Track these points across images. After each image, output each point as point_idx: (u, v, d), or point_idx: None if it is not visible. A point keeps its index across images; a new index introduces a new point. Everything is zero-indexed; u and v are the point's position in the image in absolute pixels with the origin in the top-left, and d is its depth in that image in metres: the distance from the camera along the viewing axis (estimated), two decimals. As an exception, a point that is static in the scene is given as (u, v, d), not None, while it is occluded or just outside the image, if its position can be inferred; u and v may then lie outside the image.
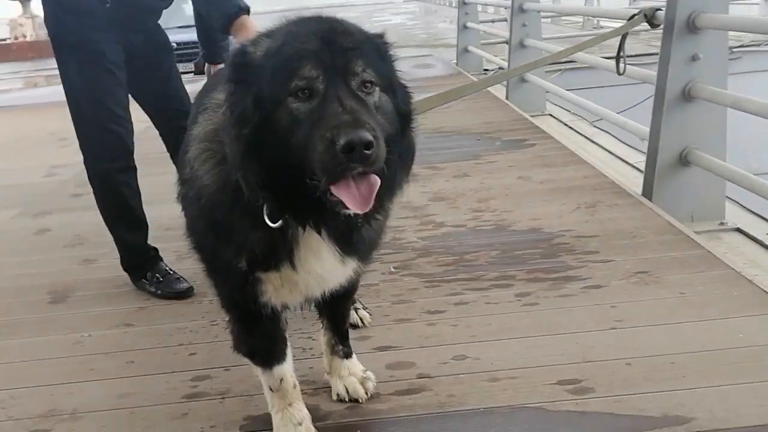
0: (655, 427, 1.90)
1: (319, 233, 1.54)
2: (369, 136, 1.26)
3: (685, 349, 2.26)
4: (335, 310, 2.08)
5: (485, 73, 10.06)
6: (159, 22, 3.07)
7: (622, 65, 3.75)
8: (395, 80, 1.51)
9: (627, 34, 3.54)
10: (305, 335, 2.57)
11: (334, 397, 2.15)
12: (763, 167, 7.80)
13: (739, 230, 3.62)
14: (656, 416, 1.95)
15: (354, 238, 1.59)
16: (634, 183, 4.10)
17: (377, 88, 1.42)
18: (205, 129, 1.60)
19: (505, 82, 7.67)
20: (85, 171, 3.06)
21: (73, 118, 2.89)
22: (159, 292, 3.04)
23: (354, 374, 2.15)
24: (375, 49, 1.46)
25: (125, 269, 3.17)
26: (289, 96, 1.36)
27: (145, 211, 3.16)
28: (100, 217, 4.13)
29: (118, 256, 3.32)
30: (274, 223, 1.50)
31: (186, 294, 3.01)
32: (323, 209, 1.41)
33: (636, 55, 8.18)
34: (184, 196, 1.76)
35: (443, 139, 5.61)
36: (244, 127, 1.38)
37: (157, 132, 3.19)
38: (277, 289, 1.69)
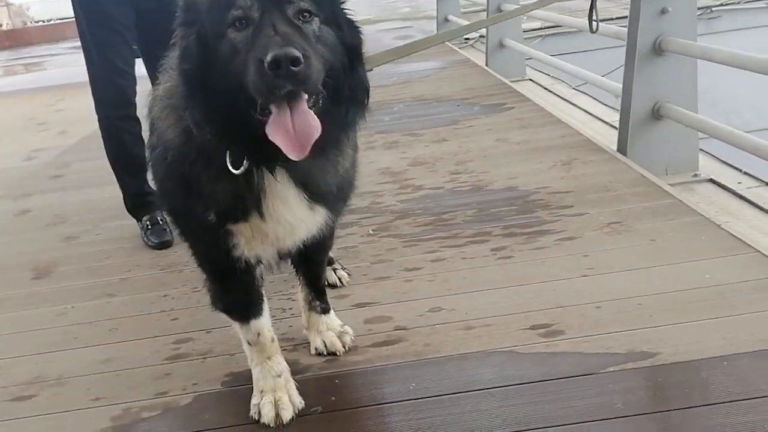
0: (621, 362, 1.97)
1: (273, 174, 1.56)
2: (295, 52, 1.28)
3: (653, 291, 2.32)
4: (310, 266, 2.12)
5: (465, 42, 10.06)
6: None
7: (594, 24, 3.82)
8: (340, 14, 1.53)
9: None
10: (285, 297, 2.61)
11: (313, 351, 2.20)
12: (745, 125, 7.90)
13: (712, 181, 3.68)
14: (622, 353, 2.01)
15: (319, 182, 1.63)
16: (610, 140, 4.14)
17: (317, 19, 1.44)
18: (165, 86, 1.63)
19: (484, 49, 7.68)
20: (63, 155, 3.24)
21: (87, 70, 3.22)
22: (145, 239, 3.33)
23: (332, 329, 2.20)
24: None
25: (127, 210, 3.47)
26: (228, 28, 1.39)
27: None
28: (81, 197, 4.21)
29: (99, 232, 3.57)
30: (236, 169, 1.52)
31: (161, 246, 3.25)
32: (278, 150, 1.42)
33: (617, 18, 8.20)
34: (153, 160, 1.78)
35: (423, 107, 5.63)
36: (186, 63, 1.43)
37: None
38: (248, 241, 1.72)
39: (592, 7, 3.74)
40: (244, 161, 1.52)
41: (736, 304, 2.19)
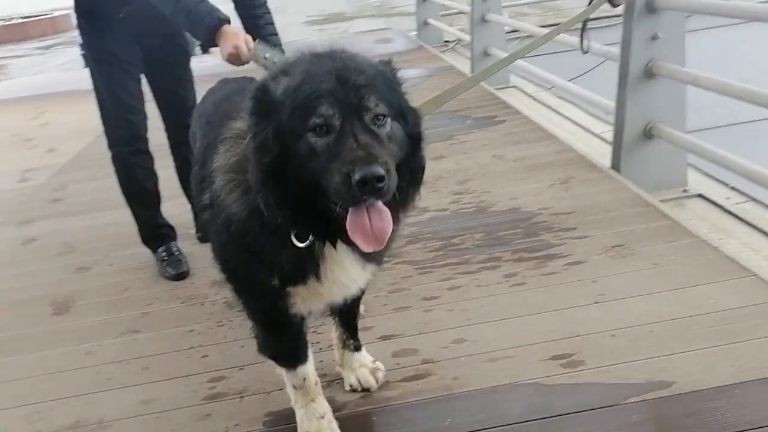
0: (642, 393, 2.11)
1: (335, 247, 1.67)
2: (381, 171, 1.39)
3: (662, 318, 2.48)
4: (348, 309, 2.22)
5: (446, 45, 10.18)
6: None
7: (586, 43, 3.96)
8: (405, 106, 1.62)
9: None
10: (310, 330, 2.70)
11: (347, 388, 2.31)
12: (715, 120, 8.18)
13: (701, 196, 3.87)
14: (642, 382, 2.16)
15: None
16: (603, 155, 4.30)
17: (389, 119, 1.54)
18: (230, 161, 1.72)
19: (469, 55, 7.80)
20: (58, 175, 3.32)
21: (98, 108, 3.28)
22: (162, 270, 3.40)
23: (364, 365, 2.31)
24: (385, 81, 1.57)
25: (143, 241, 3.54)
26: (308, 131, 1.47)
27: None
28: (85, 222, 4.26)
29: (112, 262, 3.63)
30: (301, 243, 1.63)
31: (178, 277, 3.33)
32: (342, 227, 1.53)
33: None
34: (210, 222, 1.87)
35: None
36: (265, 155, 1.51)
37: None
38: (304, 300, 1.83)
39: (583, 28, 3.90)
40: (309, 236, 1.63)
41: (740, 331, 2.35)
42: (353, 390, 2.30)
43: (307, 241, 1.64)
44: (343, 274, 1.76)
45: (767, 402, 2.00)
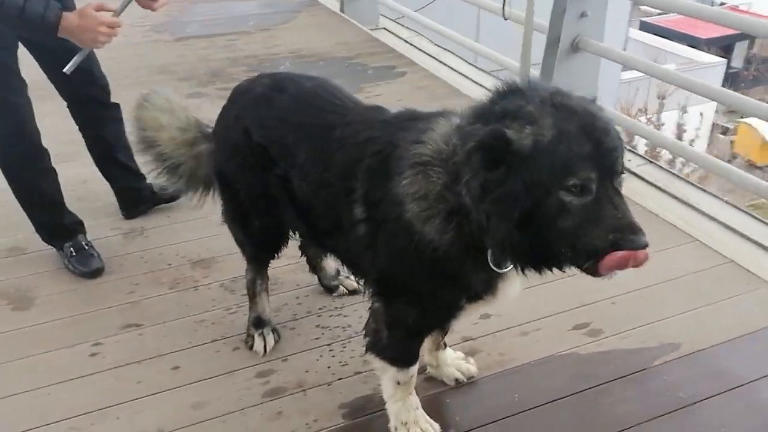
0: (662, 355, 2.54)
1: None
2: (647, 240, 1.51)
3: (644, 284, 2.91)
4: None
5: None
6: None
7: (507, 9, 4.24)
8: None
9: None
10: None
11: (452, 384, 2.41)
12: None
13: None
14: (656, 346, 2.59)
15: None
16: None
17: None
18: (423, 188, 1.73)
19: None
20: None
21: None
22: (71, 267, 3.03)
23: (457, 358, 2.45)
24: (620, 139, 1.62)
25: (44, 241, 3.13)
26: (561, 189, 1.52)
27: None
28: None
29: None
30: (500, 269, 1.73)
31: (92, 275, 3.00)
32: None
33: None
34: (377, 240, 1.89)
35: (312, 68, 5.61)
36: (514, 207, 1.54)
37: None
38: (469, 311, 1.95)
39: (507, -6, 4.16)
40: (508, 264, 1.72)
41: (706, 294, 2.86)
42: (459, 383, 2.41)
43: (508, 268, 1.73)
44: (512, 289, 1.88)
45: (761, 353, 2.54)
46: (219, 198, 2.48)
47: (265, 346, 2.54)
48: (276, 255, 2.51)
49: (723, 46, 22.18)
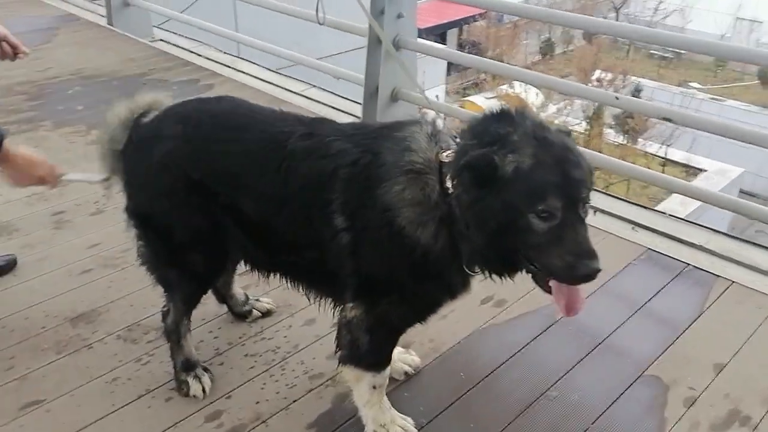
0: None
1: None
2: (599, 266, 1.66)
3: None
4: None
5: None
6: None
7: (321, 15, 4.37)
8: None
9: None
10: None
11: (402, 378, 2.51)
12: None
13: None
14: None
15: None
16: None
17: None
18: (415, 195, 1.84)
19: (104, 3, 6.88)
20: None
21: None
22: None
23: (401, 352, 2.54)
24: (590, 171, 1.77)
25: None
26: (530, 213, 1.66)
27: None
28: None
29: None
30: (473, 273, 1.91)
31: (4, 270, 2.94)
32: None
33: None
34: (366, 245, 1.93)
35: (107, 88, 5.20)
36: (491, 221, 1.69)
37: None
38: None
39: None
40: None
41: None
42: (408, 375, 2.51)
43: (478, 272, 1.91)
44: (475, 284, 2.03)
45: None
46: (137, 241, 2.25)
47: (203, 388, 2.38)
48: (209, 290, 2.35)
49: (439, 34, 24.74)
